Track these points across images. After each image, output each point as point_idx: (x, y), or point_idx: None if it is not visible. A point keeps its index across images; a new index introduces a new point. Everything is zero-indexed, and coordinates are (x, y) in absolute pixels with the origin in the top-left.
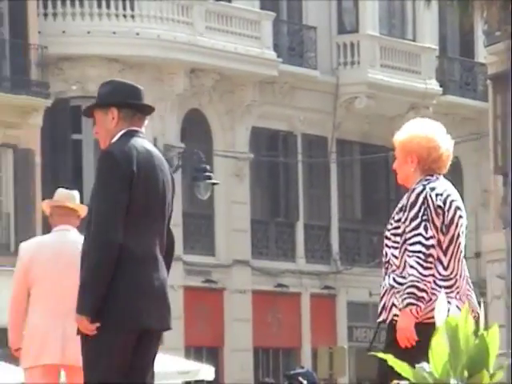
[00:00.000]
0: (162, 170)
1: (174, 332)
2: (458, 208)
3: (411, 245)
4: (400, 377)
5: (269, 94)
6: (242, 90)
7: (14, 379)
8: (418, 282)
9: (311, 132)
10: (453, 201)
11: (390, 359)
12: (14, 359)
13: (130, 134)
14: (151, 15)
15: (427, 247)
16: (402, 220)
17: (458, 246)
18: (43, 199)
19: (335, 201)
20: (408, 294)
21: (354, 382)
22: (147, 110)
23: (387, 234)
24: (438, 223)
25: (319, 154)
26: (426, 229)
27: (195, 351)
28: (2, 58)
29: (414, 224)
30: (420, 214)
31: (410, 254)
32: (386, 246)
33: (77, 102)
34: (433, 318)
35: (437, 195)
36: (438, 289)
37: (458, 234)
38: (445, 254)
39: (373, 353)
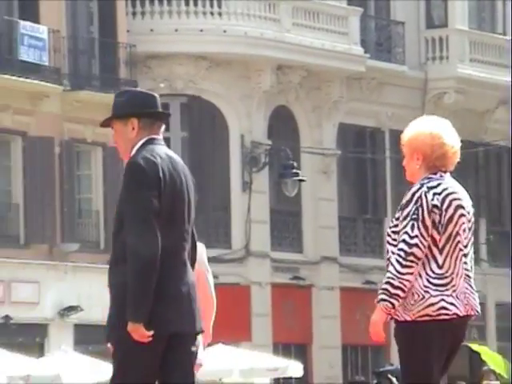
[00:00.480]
0: (186, 175)
1: (262, 329)
2: (459, 207)
3: (398, 243)
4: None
5: (356, 89)
6: (329, 86)
7: (103, 377)
8: (392, 279)
9: (399, 128)
10: (454, 199)
11: (483, 351)
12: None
13: (151, 142)
14: (238, 12)
15: (410, 246)
16: (400, 218)
17: (456, 245)
18: None
19: None
20: (382, 289)
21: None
22: (165, 117)
23: (388, 231)
24: (430, 222)
25: None
26: (412, 228)
27: (283, 348)
28: (92, 57)
29: (404, 223)
30: (410, 213)
31: (395, 251)
32: (388, 242)
33: (164, 100)
34: (427, 315)
35: (434, 194)
36: (432, 286)
37: (457, 233)
38: (440, 252)
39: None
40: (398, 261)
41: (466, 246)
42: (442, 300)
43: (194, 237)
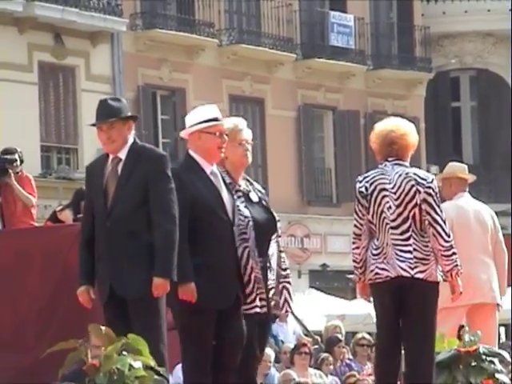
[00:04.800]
0: None
1: None
2: (382, 190)
3: None
4: None
5: None
6: None
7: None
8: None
9: None
10: (378, 184)
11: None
12: None
13: (136, 140)
14: None
15: (353, 226)
16: None
17: (383, 220)
18: (427, 164)
19: None
20: None
21: None
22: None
23: None
24: (361, 206)
25: None
26: (354, 212)
27: None
28: (391, 39)
29: None
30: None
31: None
32: None
33: (455, 74)
34: (370, 279)
35: (366, 182)
36: (372, 256)
37: (382, 211)
38: (376, 228)
39: None
40: (351, 240)
41: (393, 220)
42: (376, 267)
43: None
